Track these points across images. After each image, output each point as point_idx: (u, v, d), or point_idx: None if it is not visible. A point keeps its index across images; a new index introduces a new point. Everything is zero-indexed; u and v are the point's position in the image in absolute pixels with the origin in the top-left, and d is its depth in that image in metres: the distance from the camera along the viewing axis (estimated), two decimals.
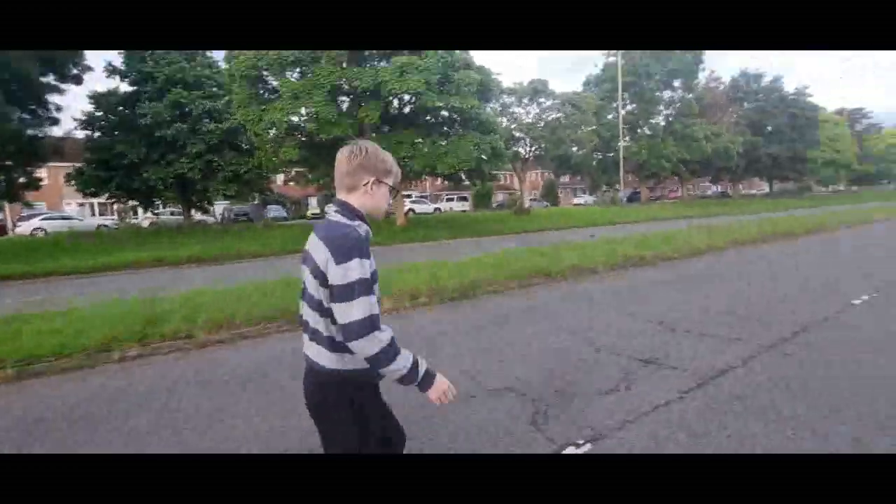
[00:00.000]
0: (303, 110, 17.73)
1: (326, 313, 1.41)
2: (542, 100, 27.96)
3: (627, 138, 36.61)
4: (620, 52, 33.22)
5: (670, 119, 37.43)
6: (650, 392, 3.39)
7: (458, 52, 18.03)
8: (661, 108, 37.88)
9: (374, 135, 18.74)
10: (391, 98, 17.95)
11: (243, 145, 22.10)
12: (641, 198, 42.51)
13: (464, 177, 22.51)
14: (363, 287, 1.35)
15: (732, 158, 37.83)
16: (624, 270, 8.96)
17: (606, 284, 7.68)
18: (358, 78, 16.20)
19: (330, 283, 1.36)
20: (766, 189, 54.36)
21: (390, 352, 1.37)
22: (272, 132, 17.99)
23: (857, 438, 2.70)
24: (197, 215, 29.49)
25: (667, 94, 37.46)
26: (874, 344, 4.27)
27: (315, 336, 1.47)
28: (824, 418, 2.93)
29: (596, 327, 5.09)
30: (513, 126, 28.07)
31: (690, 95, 36.63)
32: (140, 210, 29.25)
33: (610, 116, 35.17)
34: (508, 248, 11.09)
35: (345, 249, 1.35)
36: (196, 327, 5.17)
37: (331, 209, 1.48)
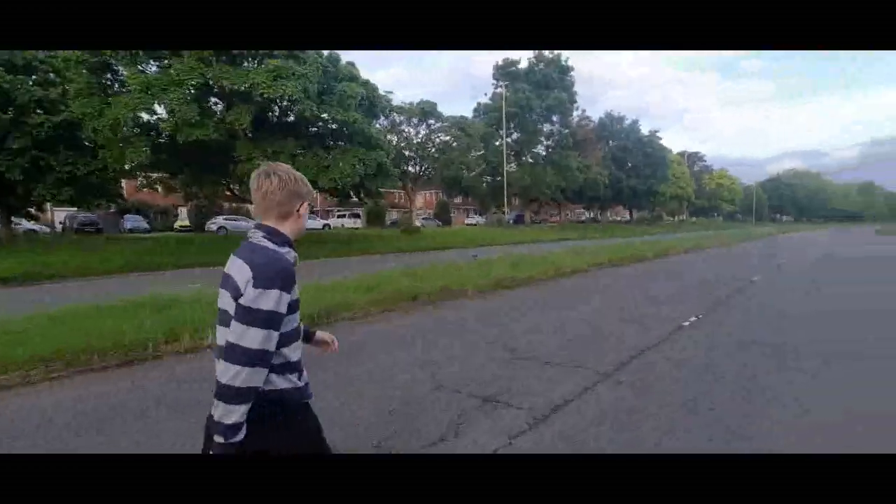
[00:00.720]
0: (160, 108, 15.58)
1: None
2: (431, 121, 28.42)
3: (513, 164, 38.95)
4: (506, 82, 35.45)
5: (550, 150, 40.76)
6: (479, 438, 3.06)
7: (341, 63, 17.43)
8: (542, 139, 41.14)
9: (250, 143, 17.14)
10: (268, 103, 16.61)
11: (85, 143, 18.71)
12: (525, 220, 45.38)
13: (351, 193, 21.72)
14: (270, 321, 1.28)
15: (601, 188, 42.32)
16: (494, 292, 8.98)
17: (472, 308, 7.54)
18: (226, 78, 14.64)
19: (240, 300, 1.28)
20: (628, 216, 61.78)
21: (242, 397, 1.25)
22: (124, 129, 15.45)
23: None
24: (27, 223, 24.54)
25: (546, 127, 40.82)
26: (690, 369, 4.52)
27: None
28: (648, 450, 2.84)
29: (446, 358, 4.76)
30: (402, 145, 28.05)
31: (566, 130, 40.35)
32: None
33: (497, 143, 37.13)
34: (383, 269, 10.59)
35: (269, 276, 1.29)
36: None
37: (257, 234, 1.40)
